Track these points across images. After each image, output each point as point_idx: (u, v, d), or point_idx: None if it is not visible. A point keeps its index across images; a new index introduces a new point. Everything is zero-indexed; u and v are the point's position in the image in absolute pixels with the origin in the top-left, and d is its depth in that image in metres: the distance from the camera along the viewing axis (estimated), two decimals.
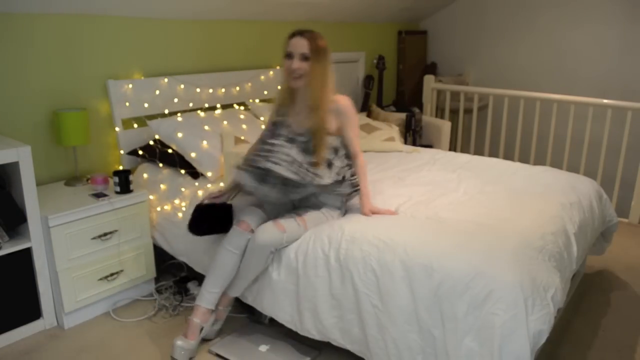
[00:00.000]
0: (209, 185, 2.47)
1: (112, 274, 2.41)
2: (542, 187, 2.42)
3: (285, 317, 2.09)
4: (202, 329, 2.10)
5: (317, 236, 2.02)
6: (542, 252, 1.81)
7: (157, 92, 2.88)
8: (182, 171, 2.60)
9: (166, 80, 2.91)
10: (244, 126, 2.91)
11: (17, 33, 2.38)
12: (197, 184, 2.53)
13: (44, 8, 2.42)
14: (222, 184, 2.44)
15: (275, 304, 2.11)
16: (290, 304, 2.07)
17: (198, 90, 3.06)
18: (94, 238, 2.32)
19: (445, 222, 1.97)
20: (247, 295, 2.20)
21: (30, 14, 2.40)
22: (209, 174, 2.51)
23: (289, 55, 2.07)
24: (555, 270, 1.80)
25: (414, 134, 4.00)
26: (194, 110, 3.03)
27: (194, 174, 2.58)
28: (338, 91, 2.20)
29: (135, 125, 2.83)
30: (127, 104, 2.77)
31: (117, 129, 2.76)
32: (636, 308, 2.51)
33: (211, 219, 2.15)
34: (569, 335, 2.26)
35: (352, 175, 2.20)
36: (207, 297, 2.09)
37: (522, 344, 1.57)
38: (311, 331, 2.03)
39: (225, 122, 2.82)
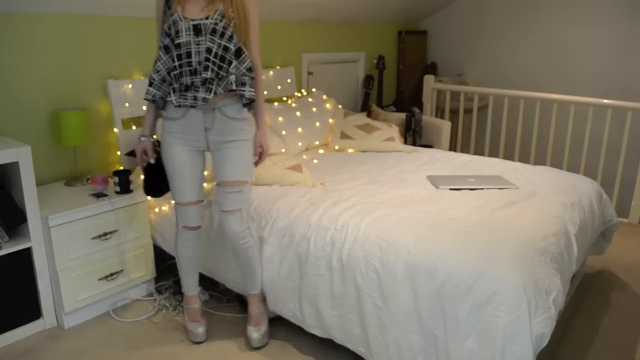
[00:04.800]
0: (205, 184, 2.46)
1: (112, 274, 2.41)
2: (542, 187, 2.41)
3: (288, 313, 2.13)
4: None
5: (319, 235, 2.02)
6: (545, 254, 1.81)
7: None
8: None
9: None
10: None
11: (18, 33, 2.38)
12: None
13: (44, 8, 2.42)
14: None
15: (278, 301, 2.14)
16: (292, 300, 2.09)
17: None
18: (94, 238, 2.32)
19: (447, 222, 1.97)
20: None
21: (30, 14, 2.40)
22: (205, 173, 2.50)
23: None
24: (556, 273, 1.79)
25: (414, 134, 4.00)
26: None
27: None
28: (338, 91, 2.19)
29: (134, 127, 2.83)
30: (127, 104, 2.76)
31: (115, 129, 2.76)
32: (636, 308, 2.51)
33: (163, 174, 2.10)
34: (569, 335, 2.26)
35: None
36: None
37: (525, 346, 1.57)
38: (313, 328, 2.05)
39: None
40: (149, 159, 2.10)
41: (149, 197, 2.20)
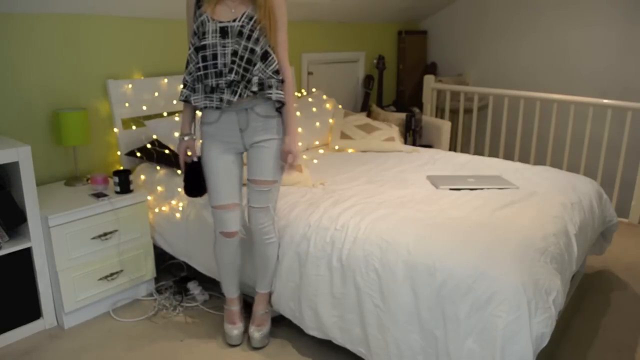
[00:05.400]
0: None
1: (112, 274, 2.41)
2: (542, 187, 2.41)
3: (289, 313, 2.13)
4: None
5: (318, 235, 2.02)
6: (545, 254, 1.81)
7: (157, 92, 2.88)
8: (179, 171, 2.60)
9: (166, 80, 2.91)
10: None
11: (18, 33, 2.38)
12: None
13: (44, 8, 2.42)
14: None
15: (280, 300, 2.15)
16: (292, 299, 2.10)
17: None
18: (94, 238, 2.32)
19: (447, 222, 1.97)
20: (253, 290, 2.23)
21: (30, 14, 2.40)
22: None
23: None
24: (556, 273, 1.79)
25: (414, 134, 4.00)
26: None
27: None
28: (338, 91, 2.19)
29: (134, 127, 2.83)
30: (127, 104, 2.76)
31: (115, 129, 2.76)
32: (636, 308, 2.51)
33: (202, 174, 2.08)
34: (569, 335, 2.26)
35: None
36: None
37: (525, 346, 1.57)
38: (312, 330, 2.05)
39: None
40: (192, 158, 2.08)
41: (190, 198, 2.16)
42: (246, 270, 2.24)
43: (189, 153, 2.08)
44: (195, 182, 2.08)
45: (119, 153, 2.81)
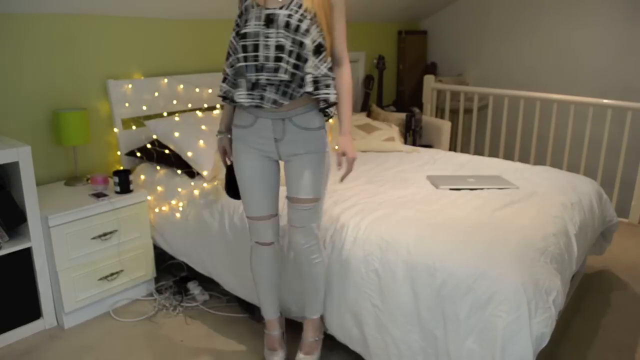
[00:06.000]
0: (205, 185, 2.47)
1: (112, 274, 2.41)
2: (542, 187, 2.41)
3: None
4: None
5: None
6: (545, 254, 1.81)
7: (157, 92, 2.87)
8: (179, 171, 2.60)
9: (166, 80, 2.91)
10: None
11: (17, 33, 2.38)
12: (192, 183, 2.53)
13: (44, 8, 2.42)
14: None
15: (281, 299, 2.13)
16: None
17: (197, 90, 3.06)
18: (94, 238, 2.32)
19: (447, 222, 1.97)
20: (250, 293, 2.21)
21: (29, 14, 2.40)
22: (205, 173, 2.50)
23: None
24: (556, 273, 1.79)
25: (414, 134, 4.00)
26: (193, 110, 3.03)
27: (191, 173, 2.58)
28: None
29: (134, 127, 2.83)
30: (127, 104, 2.76)
31: (115, 129, 2.76)
32: (636, 308, 2.51)
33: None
34: (569, 335, 2.26)
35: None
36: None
37: (525, 346, 1.57)
38: None
39: None
40: (229, 158, 1.92)
41: (229, 197, 1.98)
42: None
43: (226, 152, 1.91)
44: (234, 184, 1.90)
45: (119, 153, 2.81)
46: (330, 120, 1.83)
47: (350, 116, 1.78)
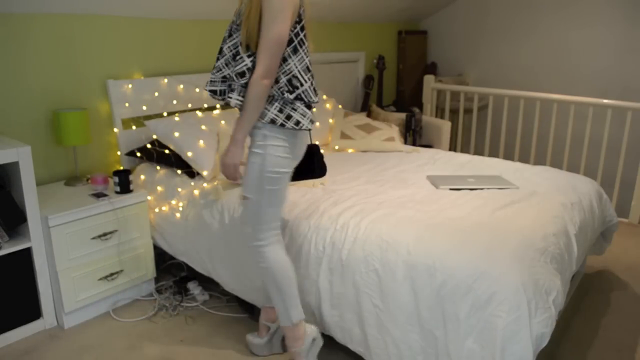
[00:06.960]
0: (205, 185, 2.47)
1: (112, 274, 2.41)
2: (542, 187, 2.41)
3: None
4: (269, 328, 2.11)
5: (318, 236, 2.02)
6: (545, 254, 1.81)
7: (157, 92, 2.87)
8: (179, 171, 2.60)
9: (166, 80, 2.91)
10: None
11: (17, 33, 2.38)
12: (192, 183, 2.53)
13: (44, 8, 2.42)
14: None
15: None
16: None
17: (197, 90, 3.06)
18: (94, 238, 2.32)
19: (447, 222, 1.97)
20: (250, 293, 2.21)
21: (30, 14, 2.40)
22: (205, 173, 2.50)
23: None
24: (556, 273, 1.79)
25: (414, 134, 4.00)
26: (193, 110, 3.03)
27: (191, 173, 2.58)
28: (338, 91, 2.14)
29: (134, 127, 2.83)
30: (127, 104, 2.76)
31: (115, 129, 2.76)
32: (636, 308, 2.51)
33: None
34: (569, 335, 2.27)
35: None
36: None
37: (525, 346, 1.57)
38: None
39: (222, 122, 2.82)
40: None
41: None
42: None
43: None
44: (311, 165, 1.92)
45: (119, 153, 2.81)
46: (330, 120, 1.83)
47: (241, 125, 1.72)
